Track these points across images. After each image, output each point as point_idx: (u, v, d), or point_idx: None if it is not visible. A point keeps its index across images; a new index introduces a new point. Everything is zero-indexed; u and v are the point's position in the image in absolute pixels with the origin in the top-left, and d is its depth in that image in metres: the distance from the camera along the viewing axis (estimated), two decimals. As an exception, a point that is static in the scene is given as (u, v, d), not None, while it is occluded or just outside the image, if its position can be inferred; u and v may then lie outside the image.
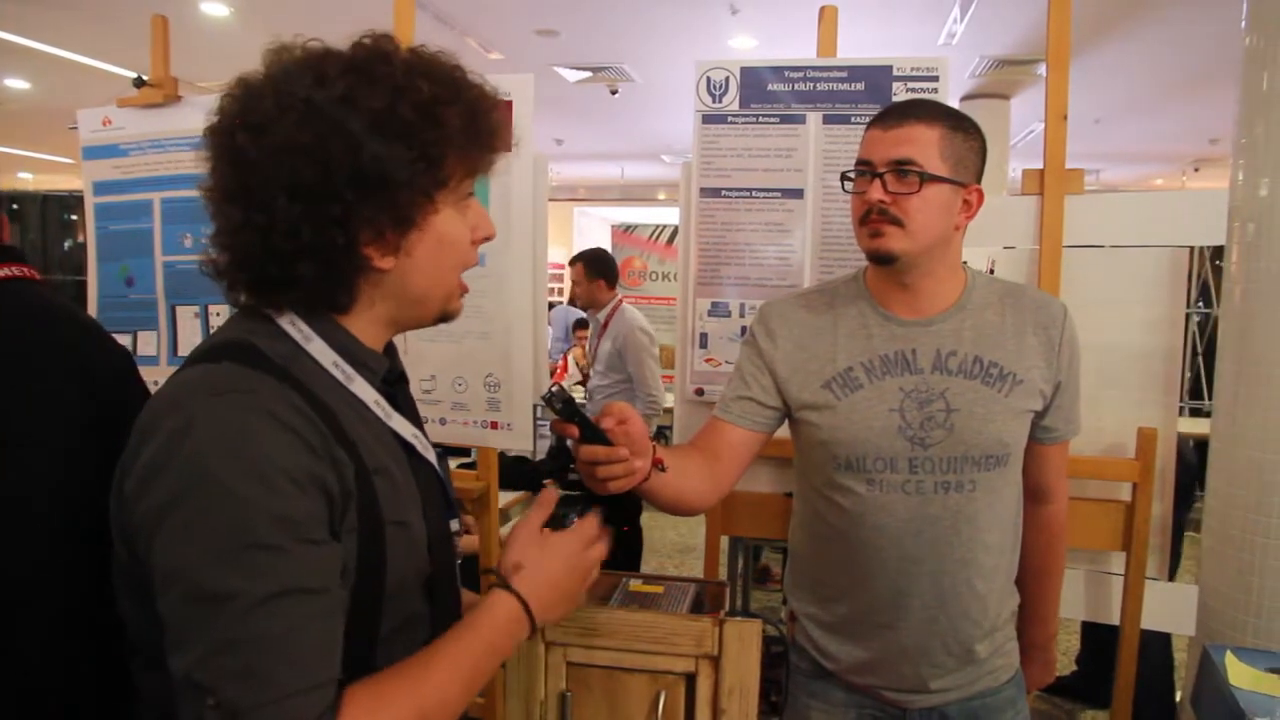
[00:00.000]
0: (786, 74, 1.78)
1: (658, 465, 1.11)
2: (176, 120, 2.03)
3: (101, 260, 2.12)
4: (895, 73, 1.73)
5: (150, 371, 2.01)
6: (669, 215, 7.76)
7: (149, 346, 2.08)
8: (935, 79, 1.72)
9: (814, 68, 1.77)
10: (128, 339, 2.07)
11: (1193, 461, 2.80)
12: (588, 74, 7.01)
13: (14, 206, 6.66)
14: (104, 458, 0.94)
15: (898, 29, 5.46)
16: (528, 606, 0.86)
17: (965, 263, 1.29)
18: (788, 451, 1.39)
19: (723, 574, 2.32)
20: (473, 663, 0.81)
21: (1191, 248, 1.85)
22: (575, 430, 1.01)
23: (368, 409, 0.83)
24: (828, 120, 1.77)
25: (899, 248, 1.18)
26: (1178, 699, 2.64)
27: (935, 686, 1.25)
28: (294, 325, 0.80)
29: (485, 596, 0.88)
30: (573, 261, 4.06)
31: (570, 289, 4.34)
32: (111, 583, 0.80)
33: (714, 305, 1.83)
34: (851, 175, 1.24)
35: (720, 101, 1.81)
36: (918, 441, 1.20)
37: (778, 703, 1.37)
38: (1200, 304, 4.50)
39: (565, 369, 6.41)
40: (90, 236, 2.14)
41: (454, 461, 3.19)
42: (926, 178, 1.16)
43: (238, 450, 0.69)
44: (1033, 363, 1.23)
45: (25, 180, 13.19)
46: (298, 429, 0.72)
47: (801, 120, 1.78)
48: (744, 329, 1.77)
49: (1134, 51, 5.98)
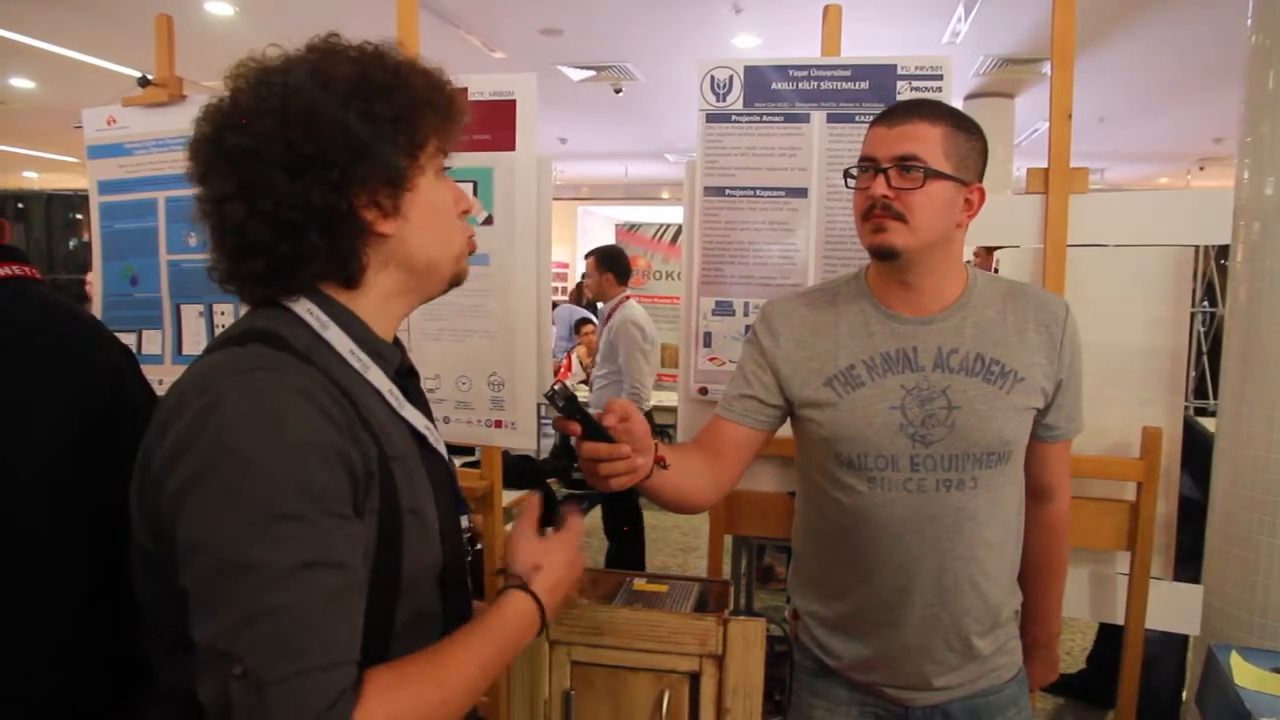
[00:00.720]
0: (790, 73, 1.78)
1: (659, 463, 1.11)
2: (181, 119, 2.03)
3: (106, 259, 2.13)
4: (899, 71, 1.73)
5: (155, 370, 2.03)
6: (673, 214, 7.73)
7: (154, 345, 2.08)
8: (939, 78, 1.72)
9: (818, 67, 1.77)
10: (132, 338, 2.07)
11: None
12: (591, 73, 7.01)
13: (19, 205, 6.68)
14: (104, 453, 0.95)
15: (902, 28, 5.45)
16: (543, 608, 0.89)
17: (968, 261, 1.29)
18: (791, 450, 1.39)
19: (726, 573, 2.32)
20: (491, 654, 0.82)
21: (1196, 247, 1.84)
22: (578, 427, 1.01)
23: (383, 397, 0.84)
24: (832, 119, 1.77)
25: (901, 243, 1.18)
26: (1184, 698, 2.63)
27: (938, 684, 1.25)
28: (311, 314, 0.82)
29: (501, 596, 0.89)
30: (589, 255, 4.37)
31: (583, 279, 4.69)
32: (112, 574, 0.80)
33: (718, 304, 1.83)
34: (855, 172, 1.24)
35: (724, 100, 1.81)
36: (919, 439, 1.20)
37: (782, 701, 1.37)
38: (1205, 303, 4.48)
39: (569, 367, 6.40)
40: (95, 235, 2.14)
41: (458, 460, 3.18)
42: (930, 174, 1.16)
43: (265, 423, 0.69)
44: (1034, 360, 1.23)
45: (30, 179, 13.23)
46: (325, 406, 0.72)
47: (806, 119, 1.78)
48: (748, 328, 1.77)
49: (1139, 50, 5.97)
